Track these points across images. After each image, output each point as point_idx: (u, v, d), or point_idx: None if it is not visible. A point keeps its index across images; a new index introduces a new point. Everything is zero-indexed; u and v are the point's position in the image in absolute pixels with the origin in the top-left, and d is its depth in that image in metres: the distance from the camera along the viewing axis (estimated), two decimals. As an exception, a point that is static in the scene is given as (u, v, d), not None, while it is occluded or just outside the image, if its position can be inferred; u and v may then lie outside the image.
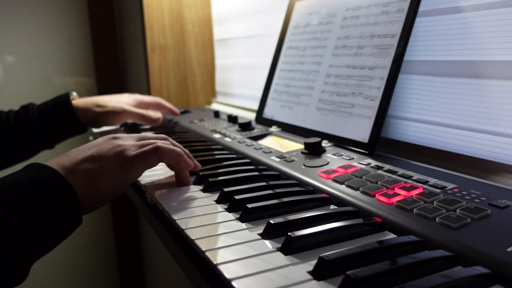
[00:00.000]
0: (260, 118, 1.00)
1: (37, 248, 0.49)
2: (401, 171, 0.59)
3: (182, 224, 0.51)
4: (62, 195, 0.51)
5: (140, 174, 0.61)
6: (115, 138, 0.62)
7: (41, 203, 0.49)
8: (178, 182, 0.66)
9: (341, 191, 0.56)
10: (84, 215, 0.54)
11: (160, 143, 0.61)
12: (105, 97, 1.04)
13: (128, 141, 0.62)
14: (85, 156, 0.57)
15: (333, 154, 0.70)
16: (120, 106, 1.00)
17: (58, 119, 0.98)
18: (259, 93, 1.03)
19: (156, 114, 1.04)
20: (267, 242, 0.46)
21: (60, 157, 0.56)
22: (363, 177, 0.59)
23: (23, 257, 0.47)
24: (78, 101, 1.02)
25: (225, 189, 0.59)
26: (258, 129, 0.93)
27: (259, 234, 0.48)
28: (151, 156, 0.60)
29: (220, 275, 0.40)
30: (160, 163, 0.64)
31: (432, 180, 0.55)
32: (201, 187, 0.64)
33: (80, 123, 1.00)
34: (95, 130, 1.12)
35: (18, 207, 0.47)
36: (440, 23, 0.68)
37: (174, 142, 0.66)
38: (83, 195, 0.54)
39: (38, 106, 1.00)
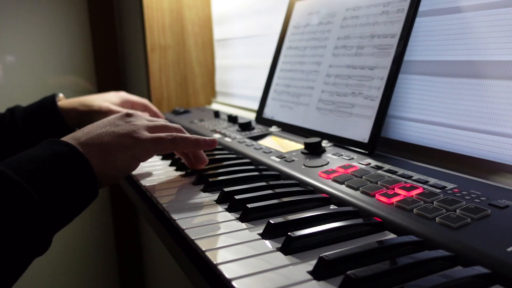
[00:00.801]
0: (260, 118, 1.00)
1: (57, 219, 0.51)
2: (401, 171, 0.59)
3: (182, 224, 0.51)
4: (79, 168, 0.54)
5: (151, 156, 0.64)
6: (128, 115, 0.64)
7: (60, 176, 0.51)
8: (194, 162, 0.69)
9: (341, 191, 0.56)
10: (84, 215, 0.55)
11: (176, 134, 0.64)
12: (91, 96, 1.03)
13: (141, 121, 0.64)
14: (100, 132, 0.59)
15: (333, 154, 0.70)
16: (106, 106, 0.99)
17: (43, 121, 0.97)
18: (259, 93, 1.03)
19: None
20: (267, 242, 0.46)
21: (76, 132, 0.59)
22: (363, 177, 0.59)
23: (45, 227, 0.49)
24: (63, 101, 1.00)
25: (225, 189, 0.59)
26: (258, 129, 0.93)
27: (259, 234, 0.48)
28: (167, 144, 0.63)
29: (220, 275, 0.40)
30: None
31: (432, 180, 0.55)
32: (201, 187, 0.64)
33: (66, 124, 0.98)
34: None
35: (40, 180, 0.49)
36: (440, 23, 0.68)
37: (185, 133, 0.69)
38: (98, 169, 0.56)
39: (24, 108, 0.99)
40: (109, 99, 1.03)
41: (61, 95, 1.03)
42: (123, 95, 1.08)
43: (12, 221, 0.45)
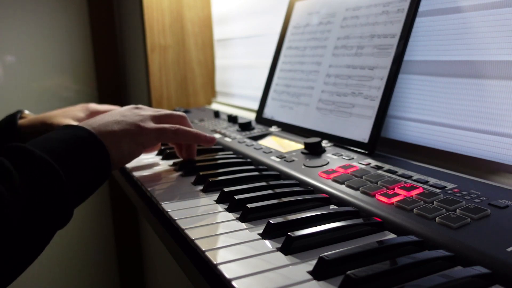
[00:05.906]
0: (260, 118, 1.00)
1: (78, 194, 0.57)
2: (401, 171, 0.59)
3: (182, 224, 0.51)
4: (96, 151, 0.60)
5: (155, 144, 0.71)
6: (137, 108, 0.72)
7: (81, 156, 0.58)
8: (185, 153, 0.75)
9: (341, 191, 0.56)
10: (84, 215, 0.56)
11: (179, 126, 0.70)
12: (54, 113, 0.99)
13: (148, 112, 0.71)
14: (111, 119, 0.66)
15: (333, 154, 0.70)
16: (66, 123, 0.94)
17: (2, 140, 0.94)
18: (259, 93, 1.03)
19: None
20: (267, 242, 0.46)
21: (88, 120, 0.66)
22: (363, 177, 0.59)
23: (69, 201, 0.54)
24: (25, 120, 0.97)
25: (225, 189, 0.59)
26: (258, 129, 0.93)
27: (259, 234, 0.48)
28: (170, 135, 0.69)
29: (220, 275, 0.40)
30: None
31: (432, 180, 0.55)
32: (201, 187, 0.64)
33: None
34: None
35: (63, 158, 0.55)
36: (440, 23, 0.68)
37: (189, 123, 0.75)
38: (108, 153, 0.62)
39: None
40: (72, 115, 0.99)
41: (26, 111, 1.00)
42: (90, 106, 1.04)
43: (41, 195, 0.51)
